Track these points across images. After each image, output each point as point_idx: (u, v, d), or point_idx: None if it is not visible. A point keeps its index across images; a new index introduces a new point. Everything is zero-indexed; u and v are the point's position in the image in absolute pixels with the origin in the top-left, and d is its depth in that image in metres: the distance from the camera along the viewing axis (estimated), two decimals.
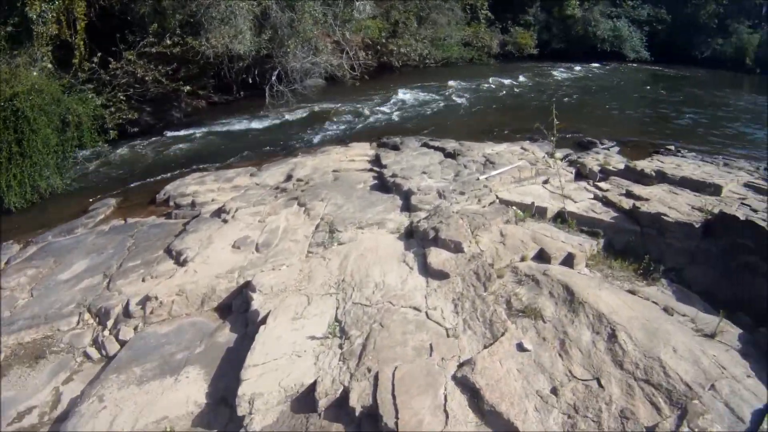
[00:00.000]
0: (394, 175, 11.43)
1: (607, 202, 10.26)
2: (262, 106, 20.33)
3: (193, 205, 10.83)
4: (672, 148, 18.13)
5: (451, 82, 26.89)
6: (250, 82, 21.37)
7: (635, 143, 19.03)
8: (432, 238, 8.21)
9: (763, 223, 7.90)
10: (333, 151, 14.30)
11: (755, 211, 9.13)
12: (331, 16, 21.85)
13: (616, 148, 17.67)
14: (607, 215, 9.52)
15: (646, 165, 12.98)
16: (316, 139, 17.31)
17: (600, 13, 41.53)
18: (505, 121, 20.44)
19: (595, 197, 10.67)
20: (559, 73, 33.55)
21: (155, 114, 18.21)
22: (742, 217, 8.27)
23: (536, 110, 22.84)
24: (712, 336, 5.90)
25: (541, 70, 33.73)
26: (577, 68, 36.11)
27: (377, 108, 21.46)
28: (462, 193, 10.34)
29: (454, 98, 24.11)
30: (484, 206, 10.15)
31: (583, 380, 5.12)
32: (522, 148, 14.76)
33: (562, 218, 9.71)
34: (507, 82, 29.07)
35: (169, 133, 17.37)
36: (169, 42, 16.18)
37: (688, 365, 5.18)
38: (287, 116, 20.07)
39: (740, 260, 7.95)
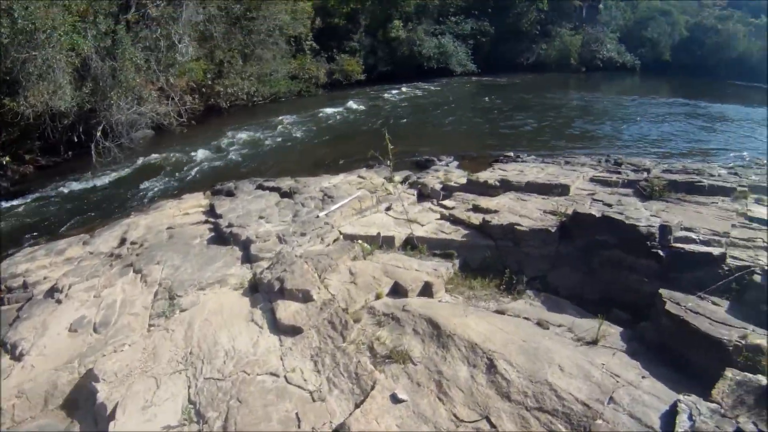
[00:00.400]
0: (230, 225, 12.21)
1: (455, 221, 11.69)
2: (91, 165, 21.44)
3: (24, 286, 11.20)
4: (511, 154, 20.65)
5: (281, 118, 30.54)
6: (76, 140, 22.53)
7: (474, 156, 21.59)
8: (278, 290, 8.67)
9: (619, 217, 9.47)
10: (166, 206, 15.30)
11: (609, 205, 10.75)
12: (153, 61, 24.05)
13: (456, 163, 19.91)
14: (457, 234, 10.92)
15: (489, 176, 14.80)
16: (149, 195, 18.92)
17: (424, 32, 49.24)
18: (340, 151, 23.06)
19: (442, 217, 12.11)
20: (389, 96, 38.68)
21: None
22: (597, 214, 9.80)
23: (369, 136, 25.16)
24: (594, 342, 6.73)
25: (371, 94, 38.95)
26: (407, 88, 41.73)
27: (209, 153, 23.76)
28: (303, 234, 11.22)
29: (286, 134, 27.43)
30: (328, 245, 11.04)
31: (471, 422, 5.59)
32: (359, 176, 16.18)
33: (411, 245, 10.78)
34: (338, 110, 33.31)
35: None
36: None
37: (579, 382, 5.74)
38: (117, 173, 21.48)
39: (602, 257, 9.51)
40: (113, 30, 22.63)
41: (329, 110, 33.44)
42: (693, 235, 9.39)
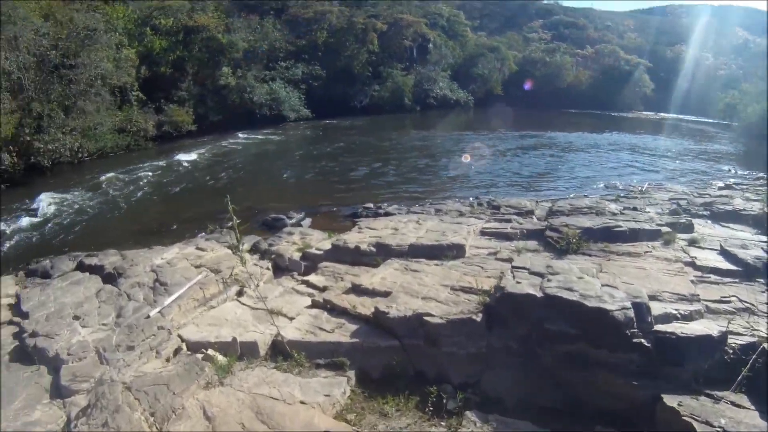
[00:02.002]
0: (34, 334, 8.98)
1: (334, 309, 8.98)
2: None
3: None
4: (371, 206, 18.81)
5: (109, 175, 27.17)
6: None
7: (327, 210, 19.41)
8: None
9: (571, 297, 7.19)
10: None
11: (539, 274, 8.42)
12: None
13: (308, 221, 17.61)
14: (344, 331, 8.24)
15: (358, 238, 12.40)
16: None
17: (254, 78, 47.51)
18: (173, 214, 20.22)
19: (315, 305, 9.36)
20: (223, 147, 36.31)
21: None
22: (537, 294, 7.47)
23: (205, 193, 23.15)
24: None
25: (204, 146, 36.25)
26: (241, 138, 39.77)
27: (27, 222, 19.97)
28: (131, 348, 8.19)
29: (114, 194, 23.98)
30: (167, 360, 8.20)
31: None
32: (198, 248, 13.25)
33: (282, 353, 8.07)
34: (169, 165, 30.41)
35: None
36: None
37: None
38: None
39: (558, 352, 7.14)
40: None
41: (159, 165, 30.33)
42: (666, 307, 7.42)
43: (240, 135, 40.89)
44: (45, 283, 11.87)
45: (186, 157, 32.41)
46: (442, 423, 6.61)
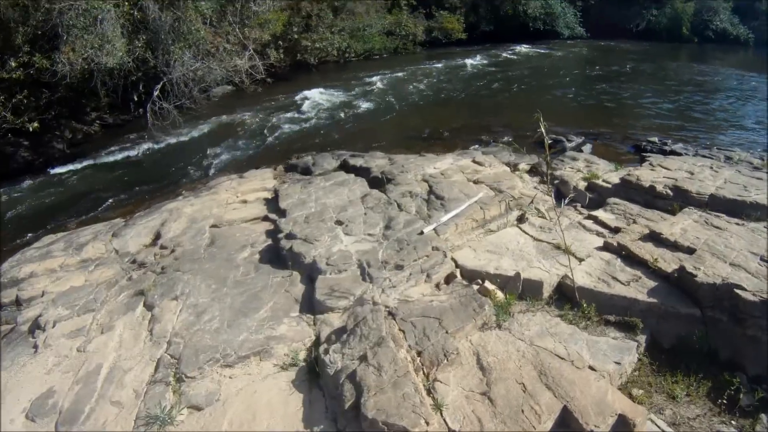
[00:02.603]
0: (291, 236, 8.70)
1: (630, 258, 8.00)
2: (150, 127, 19.35)
3: (17, 302, 8.36)
4: (656, 140, 17.24)
5: (375, 78, 27.54)
6: (136, 99, 20.90)
7: (607, 137, 18.09)
8: (350, 406, 5.11)
9: None
10: (222, 188, 12.23)
11: None
12: (230, 12, 22.04)
13: (589, 147, 16.46)
14: (640, 287, 7.24)
15: (652, 176, 11.18)
16: (212, 166, 16.22)
17: None
18: (442, 122, 19.58)
19: (607, 247, 8.41)
20: (494, 58, 35.40)
21: (35, 148, 17.63)
22: None
23: (475, 103, 22.45)
24: None
25: (474, 55, 35.51)
26: (513, 50, 38.55)
27: (289, 116, 20.87)
28: (399, 267, 7.60)
29: (380, 96, 24.11)
30: (437, 286, 7.59)
31: None
32: (474, 161, 12.53)
33: (568, 298, 7.31)
34: (438, 72, 30.05)
35: (52, 170, 16.88)
36: (14, 64, 15.55)
37: None
38: (182, 137, 19.04)
39: None
40: None
41: (429, 71, 29.96)
42: None
43: (512, 47, 39.57)
44: (306, 180, 11.79)
45: (455, 65, 31.86)
46: (733, 422, 5.69)
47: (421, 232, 8.48)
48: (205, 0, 20.62)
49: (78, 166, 16.99)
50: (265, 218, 10.24)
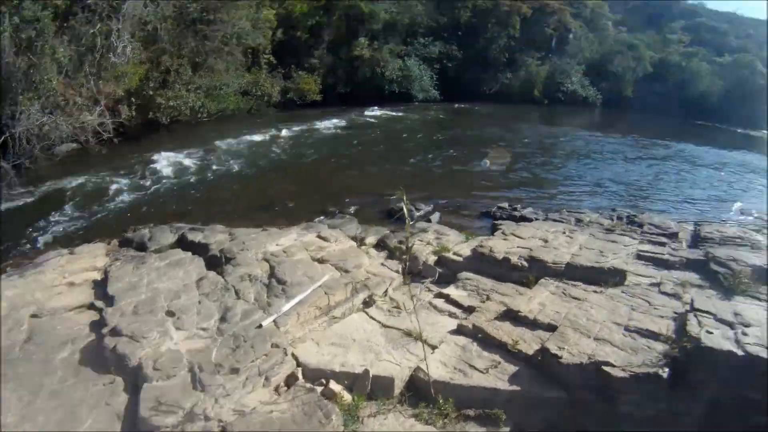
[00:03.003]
0: (116, 332, 7.50)
1: (486, 340, 7.42)
2: None
3: None
4: (506, 205, 17.06)
5: (225, 141, 26.33)
6: None
7: (456, 203, 17.77)
8: None
9: None
10: (49, 266, 10.70)
11: (730, 325, 6.89)
12: (87, 62, 20.75)
13: (437, 215, 15.92)
14: (500, 373, 6.68)
15: (505, 247, 10.82)
16: (43, 238, 14.32)
17: (389, 52, 45.81)
18: (289, 190, 18.88)
19: (461, 330, 7.79)
20: (348, 121, 35.06)
21: None
22: (738, 352, 6.08)
23: (323, 170, 21.88)
24: None
25: (327, 118, 34.83)
26: (366, 114, 38.33)
27: (133, 181, 19.19)
28: (235, 370, 6.63)
29: (227, 161, 22.84)
30: (277, 390, 6.73)
31: None
32: (319, 236, 11.85)
33: (422, 393, 6.54)
34: (290, 136, 29.24)
35: None
36: None
37: None
38: (14, 202, 16.63)
39: (750, 425, 5.88)
40: (37, 18, 18.38)
41: (281, 134, 29.37)
42: None
43: (366, 110, 39.48)
44: (140, 259, 10.65)
45: (307, 129, 31.45)
46: None
47: (260, 326, 7.53)
48: (63, 47, 19.41)
49: None
50: (92, 306, 8.93)
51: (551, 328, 7.38)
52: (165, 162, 21.72)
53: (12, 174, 17.23)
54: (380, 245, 12.01)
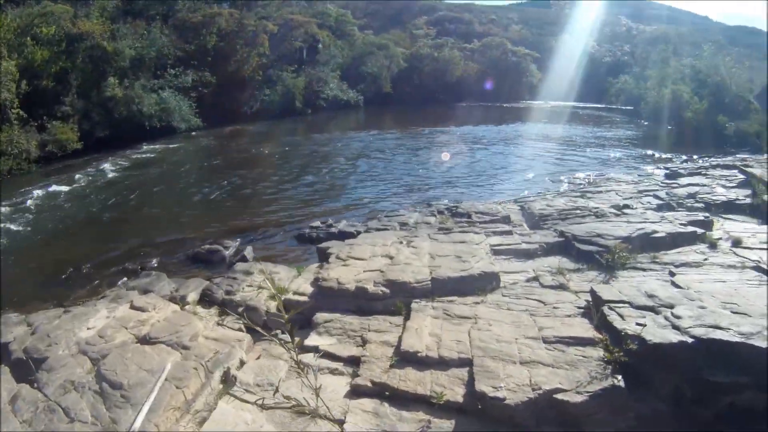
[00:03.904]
0: None
1: (396, 396, 6.28)
2: None
3: None
4: (318, 223, 16.04)
5: None
6: None
7: (262, 234, 16.38)
8: None
9: (732, 337, 5.68)
10: None
11: (652, 310, 6.64)
12: None
13: (250, 250, 14.18)
14: None
15: (347, 273, 9.68)
16: None
17: (143, 87, 43.57)
18: (72, 253, 16.32)
19: (359, 391, 6.50)
20: (113, 166, 32.66)
21: None
22: (687, 339, 5.72)
23: (105, 225, 19.70)
24: None
25: (91, 166, 32.56)
26: (132, 154, 36.31)
27: None
28: None
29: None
30: None
31: None
32: (134, 307, 9.82)
33: None
34: (54, 193, 26.11)
35: None
36: None
37: None
38: None
39: (722, 405, 5.62)
40: None
41: (45, 192, 26.07)
42: None
43: (131, 151, 37.44)
44: None
45: (73, 181, 28.55)
46: None
47: None
48: None
49: None
50: None
51: (464, 362, 6.37)
52: None
53: None
54: (206, 300, 10.31)
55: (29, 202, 23.96)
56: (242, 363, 7.60)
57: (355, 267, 9.94)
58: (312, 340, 7.93)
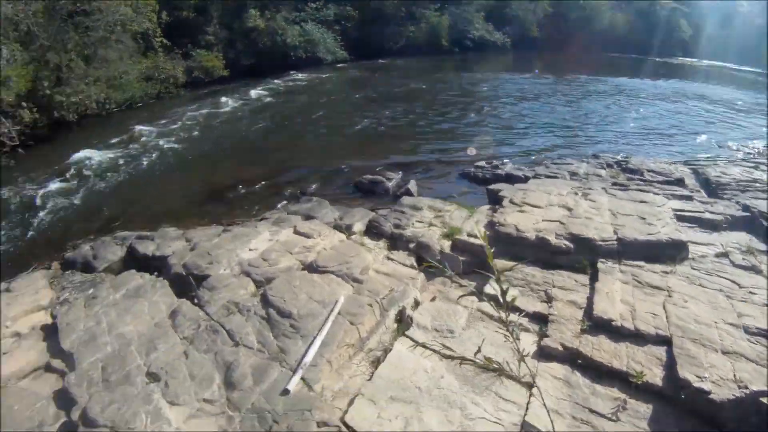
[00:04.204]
0: (90, 423, 5.15)
1: (591, 367, 5.65)
2: None
3: None
4: (483, 164, 15.23)
5: (142, 129, 23.88)
6: None
7: (423, 169, 15.82)
8: None
9: None
10: None
11: None
12: None
13: (413, 184, 13.65)
14: (635, 419, 5.00)
15: (524, 221, 8.99)
16: None
17: (284, 20, 43.54)
18: (231, 174, 16.46)
19: (548, 353, 5.97)
20: (260, 93, 32.99)
21: None
22: None
23: (259, 148, 19.56)
24: None
25: (238, 92, 33.03)
26: (279, 82, 36.51)
27: (55, 189, 16.24)
28: None
29: (152, 151, 20.27)
30: None
31: None
32: (297, 232, 9.60)
33: None
34: (207, 115, 26.91)
35: None
36: None
37: None
38: None
39: None
40: None
41: (198, 114, 26.80)
42: None
43: (277, 79, 37.44)
44: (90, 285, 8.46)
45: (223, 105, 29.20)
46: None
47: (286, 391, 5.31)
48: None
49: None
50: (48, 368, 6.53)
51: (662, 340, 5.69)
52: (86, 161, 19.04)
53: None
54: (372, 232, 9.86)
55: (179, 123, 24.81)
56: (417, 303, 7.20)
57: (532, 215, 9.24)
58: (492, 288, 7.11)
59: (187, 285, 7.99)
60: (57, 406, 5.72)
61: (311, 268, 7.96)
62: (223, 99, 30.40)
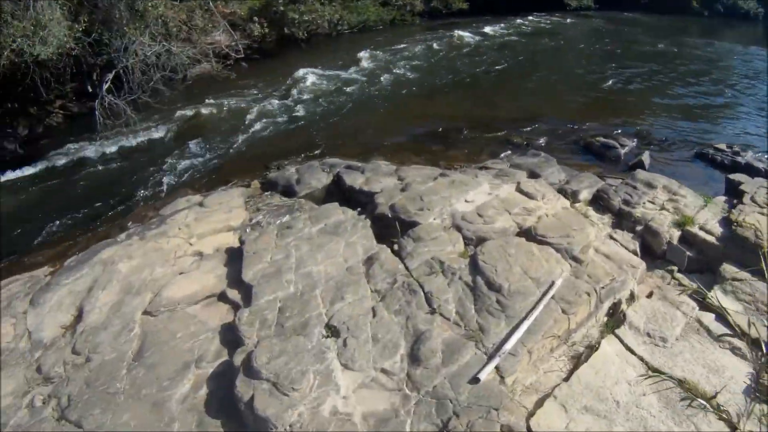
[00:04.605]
0: (252, 372, 4.94)
1: None
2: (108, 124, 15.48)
3: None
4: (723, 146, 13.63)
5: (370, 54, 24.23)
6: (90, 90, 16.98)
7: (662, 141, 14.49)
8: None
9: None
10: (174, 225, 8.45)
11: None
12: None
13: (647, 155, 12.68)
14: None
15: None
16: (170, 181, 12.49)
17: None
18: (454, 114, 16.09)
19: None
20: (499, 31, 32.13)
21: None
22: None
23: (489, 90, 18.93)
24: None
25: (476, 28, 32.21)
26: (518, 22, 35.40)
27: (270, 107, 16.94)
28: None
29: (376, 79, 20.36)
30: None
31: None
32: (520, 189, 8.97)
33: None
34: (439, 48, 26.45)
35: (2, 176, 13.20)
36: None
37: None
38: (138, 138, 15.03)
39: None
40: None
41: (430, 46, 26.27)
42: None
43: (517, 19, 36.25)
44: (284, 220, 8.34)
45: (457, 39, 28.47)
46: None
47: (476, 379, 4.86)
48: None
49: (31, 170, 13.52)
50: (222, 297, 6.54)
51: None
52: (307, 82, 19.48)
53: (128, 110, 15.51)
54: (599, 203, 9.06)
55: (408, 52, 24.96)
56: (632, 297, 6.42)
57: None
58: (715, 295, 6.40)
59: (391, 229, 7.67)
60: (221, 342, 5.71)
61: (528, 234, 7.34)
62: (458, 33, 29.80)
